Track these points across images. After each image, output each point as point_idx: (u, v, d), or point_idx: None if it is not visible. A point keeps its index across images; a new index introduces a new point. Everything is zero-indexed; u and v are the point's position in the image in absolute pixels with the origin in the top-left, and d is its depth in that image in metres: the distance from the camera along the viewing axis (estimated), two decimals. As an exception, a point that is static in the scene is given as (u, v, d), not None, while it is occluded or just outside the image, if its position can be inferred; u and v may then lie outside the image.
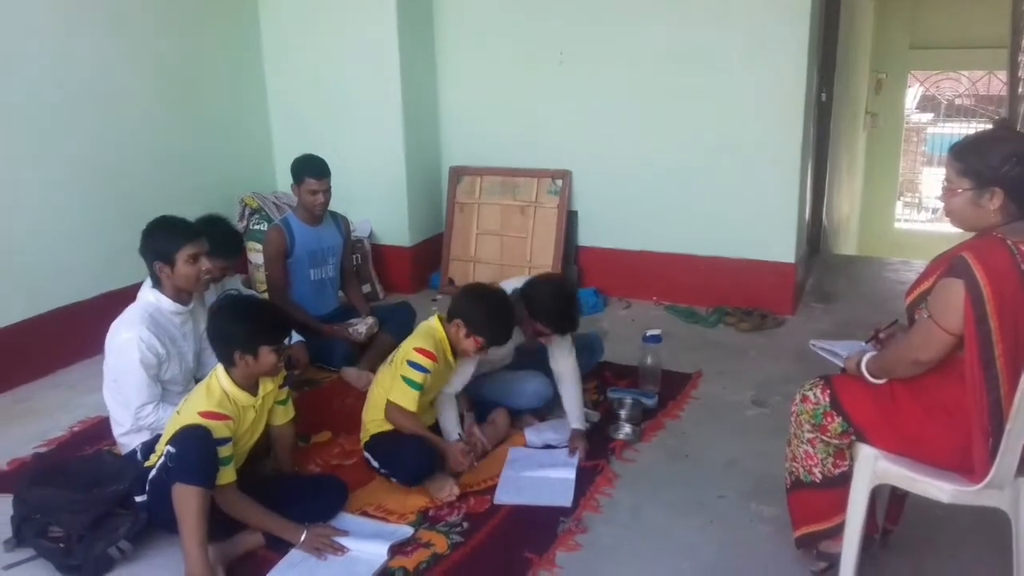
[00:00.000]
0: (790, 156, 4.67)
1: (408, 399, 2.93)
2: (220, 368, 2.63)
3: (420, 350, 2.95)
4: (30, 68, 3.95)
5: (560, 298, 3.17)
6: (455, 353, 3.05)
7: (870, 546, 2.44)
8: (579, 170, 5.21)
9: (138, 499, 2.61)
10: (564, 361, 3.31)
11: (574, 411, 3.29)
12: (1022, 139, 2.14)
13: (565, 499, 2.92)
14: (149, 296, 3.02)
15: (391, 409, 2.96)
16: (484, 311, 2.97)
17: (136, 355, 2.89)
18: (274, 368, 2.63)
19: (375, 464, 3.01)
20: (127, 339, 2.91)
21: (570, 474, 3.05)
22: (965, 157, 2.10)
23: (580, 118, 5.11)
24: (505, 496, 2.95)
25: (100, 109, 4.31)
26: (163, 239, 2.97)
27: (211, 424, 2.48)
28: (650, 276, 5.12)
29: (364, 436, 3.08)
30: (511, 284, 3.35)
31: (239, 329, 2.58)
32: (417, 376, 2.93)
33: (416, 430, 2.98)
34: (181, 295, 3.04)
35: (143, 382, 2.92)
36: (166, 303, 3.01)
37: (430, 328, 3.06)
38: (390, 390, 2.97)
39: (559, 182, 5.23)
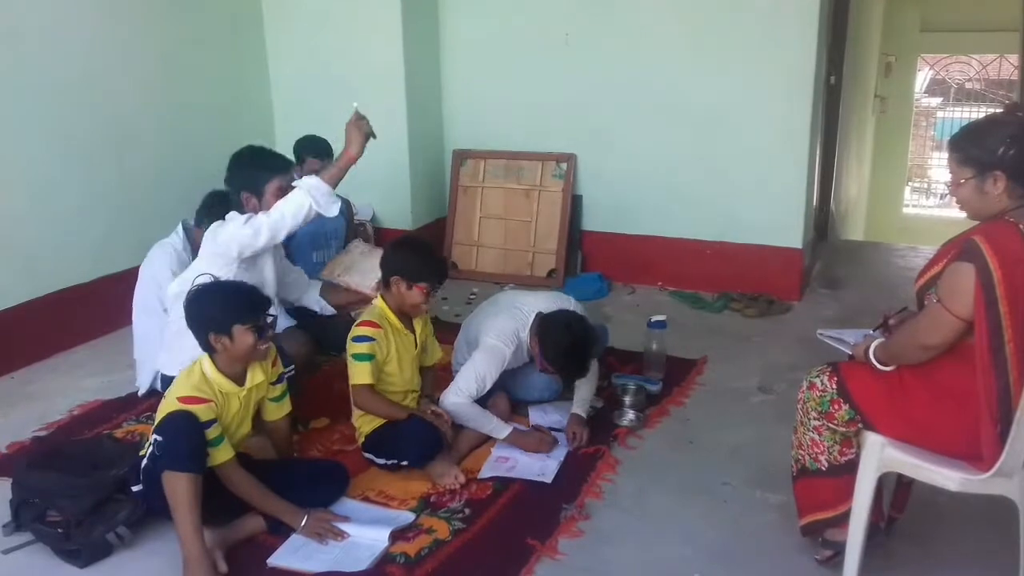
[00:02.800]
0: (798, 140, 4.63)
1: (361, 373, 2.90)
2: (205, 356, 2.58)
3: (359, 323, 2.95)
4: (30, 49, 3.91)
5: (574, 350, 3.07)
6: (405, 318, 3.02)
7: (875, 534, 2.41)
8: (584, 154, 5.16)
9: (134, 489, 2.58)
10: None
11: (580, 399, 3.27)
12: (1016, 121, 2.13)
13: (547, 476, 2.94)
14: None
15: (355, 393, 2.94)
16: (412, 257, 2.95)
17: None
18: (253, 349, 2.53)
19: (380, 462, 2.98)
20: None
21: (554, 463, 3.01)
22: (963, 146, 2.10)
23: (585, 101, 5.06)
24: (489, 471, 2.98)
25: (100, 92, 4.27)
26: (255, 172, 3.00)
27: (192, 408, 2.45)
28: (655, 261, 5.08)
29: (359, 438, 3.05)
30: (533, 303, 3.28)
31: (211, 310, 2.53)
32: (362, 348, 2.90)
33: (389, 411, 2.96)
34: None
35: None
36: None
37: (372, 306, 3.05)
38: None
39: (564, 166, 5.19)
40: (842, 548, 2.32)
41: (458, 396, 3.06)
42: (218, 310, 2.52)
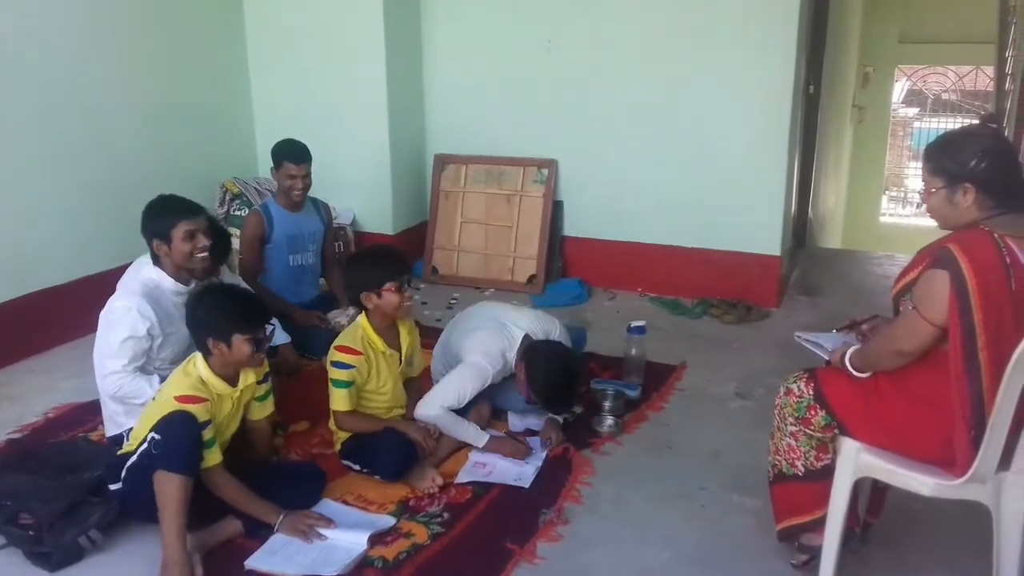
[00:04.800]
0: (777, 148, 4.66)
1: (339, 400, 2.91)
2: (199, 355, 2.60)
3: (340, 348, 2.92)
4: (13, 52, 3.88)
5: (563, 387, 3.08)
6: (391, 334, 3.00)
7: (851, 539, 2.43)
8: (565, 160, 5.18)
9: (112, 487, 2.57)
10: None
11: None
12: (990, 134, 2.17)
13: (524, 481, 2.94)
14: (151, 273, 2.96)
15: (336, 417, 2.95)
16: (363, 267, 2.95)
17: (128, 324, 2.82)
18: (250, 359, 2.57)
19: (356, 468, 2.98)
20: (123, 307, 2.84)
21: (531, 469, 3.02)
22: (936, 157, 2.13)
23: (567, 107, 5.08)
24: (467, 476, 2.98)
25: (81, 93, 4.25)
26: (160, 216, 2.93)
27: (188, 408, 2.45)
28: (635, 267, 5.10)
29: (337, 444, 3.04)
30: (519, 322, 3.26)
31: (213, 316, 2.55)
32: (342, 374, 2.89)
33: (368, 427, 2.97)
34: (181, 274, 2.98)
35: (124, 352, 2.83)
36: (168, 282, 2.95)
37: (354, 325, 3.01)
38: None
39: (545, 171, 5.20)
40: (818, 552, 2.34)
41: (432, 409, 3.04)
42: (220, 317, 2.54)
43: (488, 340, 3.16)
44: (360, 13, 5.01)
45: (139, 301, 2.85)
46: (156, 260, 2.98)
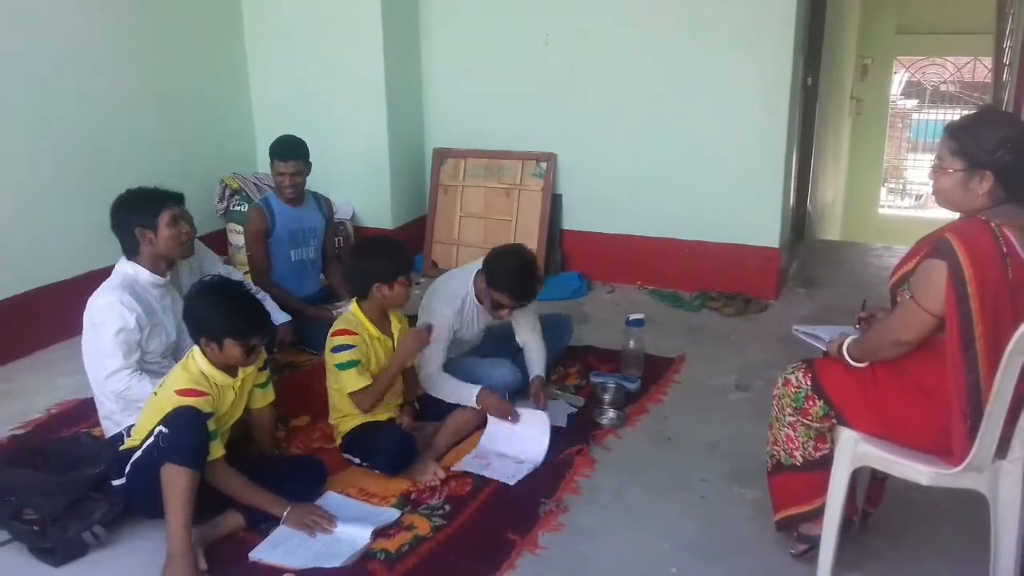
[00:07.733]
0: (776, 140, 4.67)
1: (351, 381, 2.90)
2: (197, 349, 2.61)
3: (336, 332, 2.96)
4: (7, 47, 3.88)
5: (518, 267, 3.19)
6: (383, 322, 3.04)
7: (849, 528, 2.45)
8: (564, 153, 5.18)
9: (115, 483, 2.59)
10: (529, 335, 3.46)
11: (535, 362, 3.42)
12: (1018, 124, 2.14)
13: (537, 455, 3.03)
14: (127, 268, 2.95)
15: (355, 399, 2.94)
16: (380, 260, 2.97)
17: (115, 318, 2.81)
18: (241, 360, 2.58)
19: (357, 461, 2.99)
20: (106, 303, 2.83)
21: (525, 469, 3.01)
22: (960, 137, 2.09)
23: (565, 101, 5.08)
24: (466, 467, 3.01)
25: (80, 88, 4.25)
26: (143, 206, 2.93)
27: (189, 401, 2.46)
28: (634, 260, 5.11)
29: (337, 438, 3.06)
30: (470, 266, 3.40)
31: (209, 317, 2.55)
32: (346, 355, 2.91)
33: (386, 385, 2.98)
34: (159, 264, 2.97)
35: (118, 348, 2.82)
36: (144, 274, 2.94)
37: (345, 314, 3.07)
38: (340, 387, 2.96)
39: (544, 165, 5.21)
40: (817, 542, 2.36)
41: (429, 366, 3.19)
42: (214, 320, 2.54)
43: (438, 287, 3.39)
44: (358, 7, 5.01)
45: (120, 294, 2.84)
46: (130, 254, 2.97)
